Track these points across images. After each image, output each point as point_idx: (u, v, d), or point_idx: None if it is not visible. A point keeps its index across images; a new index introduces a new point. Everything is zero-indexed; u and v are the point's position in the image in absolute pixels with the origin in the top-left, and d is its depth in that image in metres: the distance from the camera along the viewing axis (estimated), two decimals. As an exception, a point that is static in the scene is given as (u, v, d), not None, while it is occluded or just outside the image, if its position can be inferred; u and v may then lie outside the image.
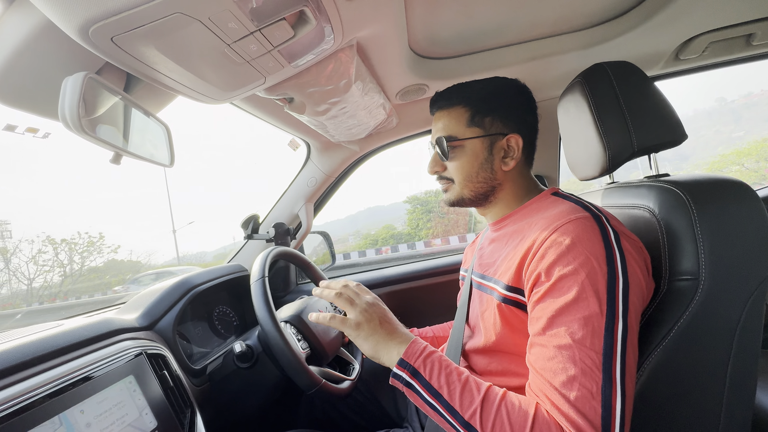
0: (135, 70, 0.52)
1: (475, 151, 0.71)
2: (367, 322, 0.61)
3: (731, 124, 9.91)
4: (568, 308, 0.51)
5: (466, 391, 0.52)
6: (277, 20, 0.51)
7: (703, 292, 0.55)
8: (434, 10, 0.81)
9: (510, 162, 0.71)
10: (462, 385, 0.53)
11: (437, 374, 0.54)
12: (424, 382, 0.54)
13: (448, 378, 0.54)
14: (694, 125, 10.13)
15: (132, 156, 0.64)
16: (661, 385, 0.57)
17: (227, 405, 0.85)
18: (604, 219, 0.57)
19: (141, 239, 45.23)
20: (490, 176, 0.72)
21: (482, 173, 0.71)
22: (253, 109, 0.93)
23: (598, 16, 0.95)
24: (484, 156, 0.71)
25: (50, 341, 0.59)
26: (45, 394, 0.51)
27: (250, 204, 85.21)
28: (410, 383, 0.55)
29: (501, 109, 0.71)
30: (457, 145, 0.72)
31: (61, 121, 0.46)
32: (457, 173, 0.73)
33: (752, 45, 1.10)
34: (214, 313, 1.11)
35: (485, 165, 0.71)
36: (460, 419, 0.50)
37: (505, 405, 0.50)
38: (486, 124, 0.71)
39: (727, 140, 9.13)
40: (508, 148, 0.71)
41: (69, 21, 0.40)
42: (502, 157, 0.71)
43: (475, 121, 0.71)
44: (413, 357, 0.56)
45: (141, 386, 0.64)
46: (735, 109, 10.84)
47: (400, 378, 0.56)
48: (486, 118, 0.71)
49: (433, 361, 0.56)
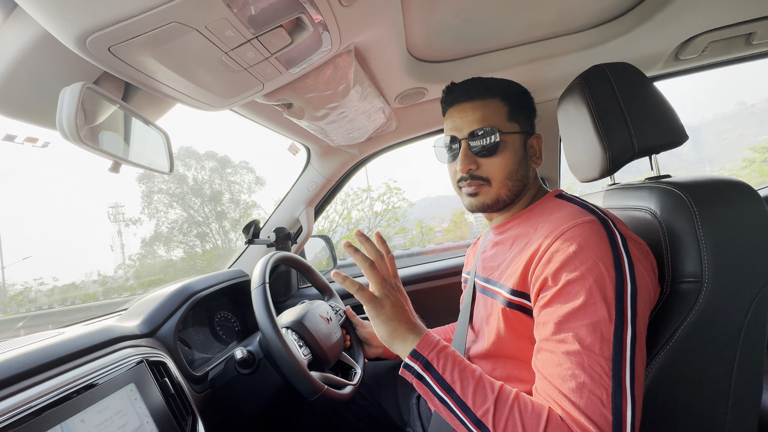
0: (133, 79, 0.52)
1: (515, 148, 0.68)
2: (392, 306, 0.59)
3: (755, 128, 9.78)
4: (576, 313, 0.50)
5: (480, 388, 0.51)
6: (274, 28, 0.51)
7: (707, 295, 0.54)
8: (431, 14, 0.81)
9: (537, 161, 0.71)
10: (476, 382, 0.52)
11: (450, 368, 0.53)
12: (437, 376, 0.53)
13: (461, 373, 0.53)
14: (716, 129, 10.06)
15: (131, 164, 0.64)
16: (665, 388, 0.56)
17: (229, 411, 0.85)
18: (610, 222, 0.56)
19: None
20: (526, 175, 0.70)
21: (521, 171, 0.69)
22: (252, 114, 0.93)
23: (596, 18, 0.94)
24: (522, 153, 0.69)
25: (51, 350, 0.59)
26: (46, 403, 0.51)
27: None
28: (422, 375, 0.54)
29: (528, 107, 0.71)
30: (501, 140, 0.67)
31: (59, 131, 0.47)
32: (499, 171, 0.67)
33: (752, 44, 1.09)
34: (216, 318, 1.11)
35: (523, 162, 0.69)
36: (472, 416, 0.50)
37: (518, 406, 0.49)
38: (522, 121, 0.70)
39: (753, 143, 9.04)
40: (535, 147, 0.71)
41: (66, 32, 0.41)
42: (531, 155, 0.71)
43: (514, 116, 0.69)
44: (427, 349, 0.55)
45: (142, 394, 0.64)
46: (757, 113, 10.71)
47: (411, 369, 0.55)
48: (521, 114, 0.70)
49: (446, 356, 0.55)
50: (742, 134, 10.08)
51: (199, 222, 15.14)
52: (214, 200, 15.21)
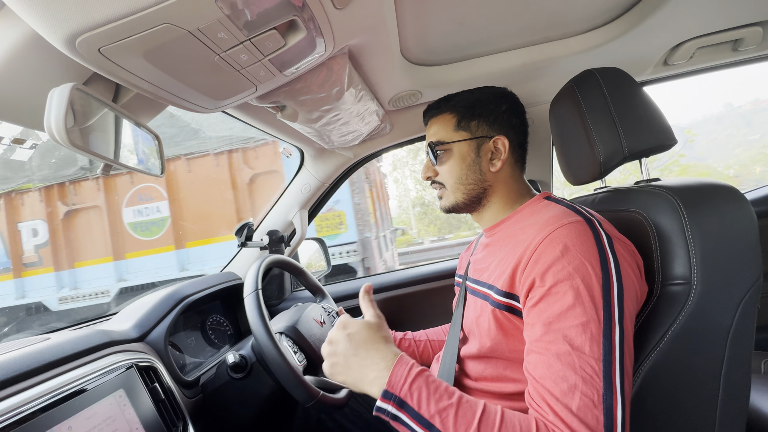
0: (124, 81, 0.52)
1: (462, 154, 0.74)
2: (335, 364, 0.59)
3: (744, 128, 9.98)
4: (565, 314, 0.51)
5: (460, 417, 0.48)
6: (268, 30, 0.50)
7: (696, 297, 0.55)
8: (425, 18, 0.82)
9: (497, 163, 0.73)
10: (455, 410, 0.49)
11: (426, 402, 0.50)
12: (413, 413, 0.50)
13: (438, 404, 0.49)
14: (706, 129, 10.26)
15: (122, 167, 0.64)
16: (656, 389, 0.57)
17: (221, 417, 0.84)
18: (596, 223, 0.57)
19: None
20: (480, 178, 0.73)
21: (471, 175, 0.73)
22: (245, 116, 0.93)
23: (587, 23, 0.96)
24: (472, 158, 0.73)
25: (36, 356, 0.58)
26: (31, 411, 0.49)
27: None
28: (397, 416, 0.50)
29: (486, 113, 0.74)
30: (445, 149, 0.75)
31: (47, 132, 0.46)
32: (448, 176, 0.75)
33: (738, 51, 1.12)
34: (208, 322, 1.10)
35: (473, 166, 0.73)
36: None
37: (505, 426, 0.48)
38: (472, 128, 0.74)
39: (742, 143, 9.26)
40: (495, 149, 0.73)
41: (55, 32, 0.40)
42: (489, 158, 0.73)
43: (462, 126, 0.75)
44: (398, 385, 0.51)
45: (131, 400, 0.63)
46: (744, 114, 10.96)
47: (385, 411, 0.51)
48: (472, 122, 0.74)
49: (420, 387, 0.51)
50: (731, 134, 10.25)
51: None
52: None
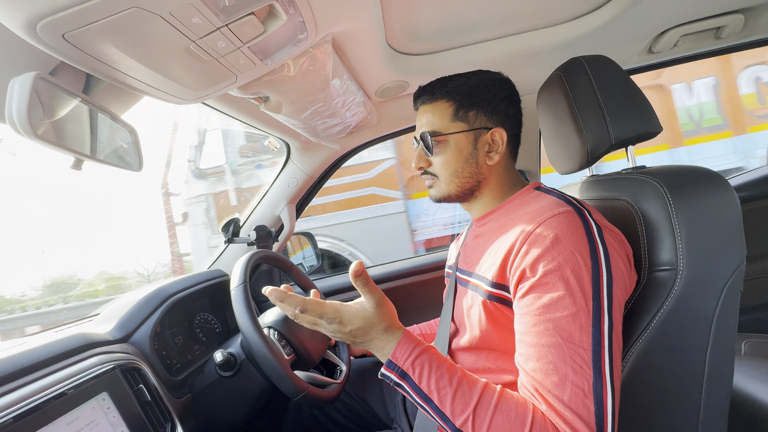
0: (93, 70, 0.49)
1: (459, 146, 0.70)
2: (342, 336, 0.57)
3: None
4: (555, 304, 0.51)
5: (458, 396, 0.50)
6: (245, 15, 0.48)
7: (682, 282, 0.56)
8: (410, 5, 0.80)
9: (495, 156, 0.70)
10: (454, 389, 0.51)
11: (427, 377, 0.52)
12: (414, 386, 0.52)
13: (438, 382, 0.51)
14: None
15: (97, 161, 0.61)
16: (643, 375, 0.58)
17: (210, 416, 0.82)
18: (586, 213, 0.57)
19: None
20: (476, 171, 0.71)
21: (467, 168, 0.70)
22: (228, 108, 0.90)
23: (573, 11, 0.95)
24: (469, 150, 0.70)
25: (13, 360, 0.55)
26: (7, 418, 0.47)
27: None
28: (399, 384, 0.54)
29: (485, 102, 0.70)
30: (441, 140, 0.71)
31: (10, 125, 0.43)
32: (443, 169, 0.71)
33: (721, 38, 1.13)
34: (195, 320, 1.08)
35: (470, 159, 0.70)
36: (452, 426, 0.50)
37: (500, 411, 0.49)
38: (470, 119, 0.70)
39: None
40: (493, 142, 0.71)
41: (13, 15, 0.37)
42: (486, 151, 0.71)
43: (459, 116, 0.70)
44: (402, 358, 0.54)
45: (116, 403, 0.61)
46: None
47: (388, 378, 0.55)
48: (470, 112, 0.70)
49: (423, 363, 0.53)
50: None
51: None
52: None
